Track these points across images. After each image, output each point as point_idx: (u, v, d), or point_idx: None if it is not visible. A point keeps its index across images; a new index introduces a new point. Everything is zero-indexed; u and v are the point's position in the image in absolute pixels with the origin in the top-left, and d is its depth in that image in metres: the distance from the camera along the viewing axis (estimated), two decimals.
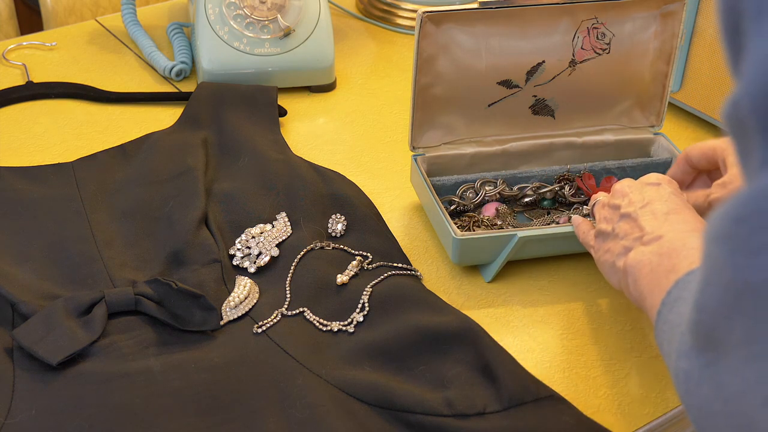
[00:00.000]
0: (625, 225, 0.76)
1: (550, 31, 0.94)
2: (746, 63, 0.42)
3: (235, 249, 0.88)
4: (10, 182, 0.96)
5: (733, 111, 0.44)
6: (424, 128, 0.97)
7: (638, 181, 0.79)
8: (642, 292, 0.70)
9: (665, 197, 0.75)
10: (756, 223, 0.42)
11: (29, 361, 0.76)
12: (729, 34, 0.44)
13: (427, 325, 0.80)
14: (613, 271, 0.76)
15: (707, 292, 0.47)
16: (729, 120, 0.45)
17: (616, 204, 0.78)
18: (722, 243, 0.44)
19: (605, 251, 0.77)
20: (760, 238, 0.42)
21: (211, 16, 1.16)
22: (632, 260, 0.72)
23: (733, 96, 0.43)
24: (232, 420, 0.73)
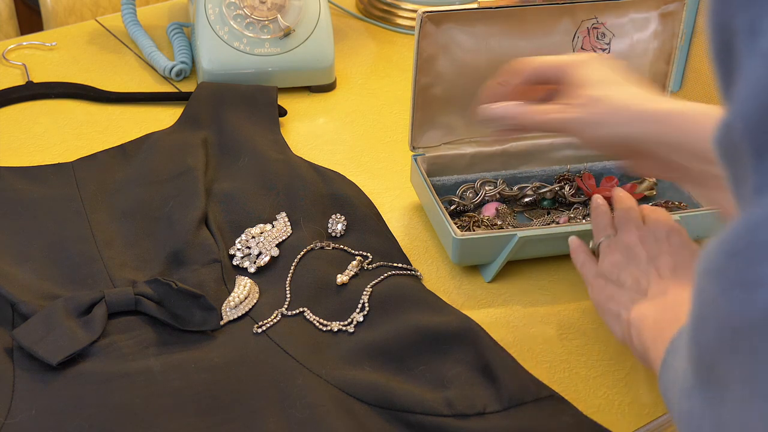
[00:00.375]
0: (631, 274, 0.76)
1: (550, 31, 0.94)
2: (739, 84, 0.40)
3: (235, 249, 0.88)
4: (10, 182, 0.96)
5: (725, 135, 0.42)
6: (424, 128, 0.97)
7: (648, 231, 0.79)
8: (645, 344, 0.69)
9: (677, 250, 0.76)
10: (751, 256, 0.40)
11: (29, 361, 0.76)
12: (720, 53, 0.42)
13: (427, 325, 0.80)
14: (617, 322, 0.75)
15: (703, 328, 0.45)
16: (720, 145, 0.43)
17: (624, 253, 0.78)
18: (716, 278, 0.42)
19: (609, 298, 0.77)
20: (754, 272, 0.39)
21: (211, 16, 1.16)
22: (636, 313, 0.72)
23: (725, 120, 0.41)
24: (232, 420, 0.73)
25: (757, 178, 0.40)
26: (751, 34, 0.39)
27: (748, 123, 0.39)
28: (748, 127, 0.39)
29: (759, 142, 0.39)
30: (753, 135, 0.39)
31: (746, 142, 0.40)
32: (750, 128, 0.39)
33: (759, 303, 0.39)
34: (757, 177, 0.40)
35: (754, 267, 0.39)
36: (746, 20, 0.39)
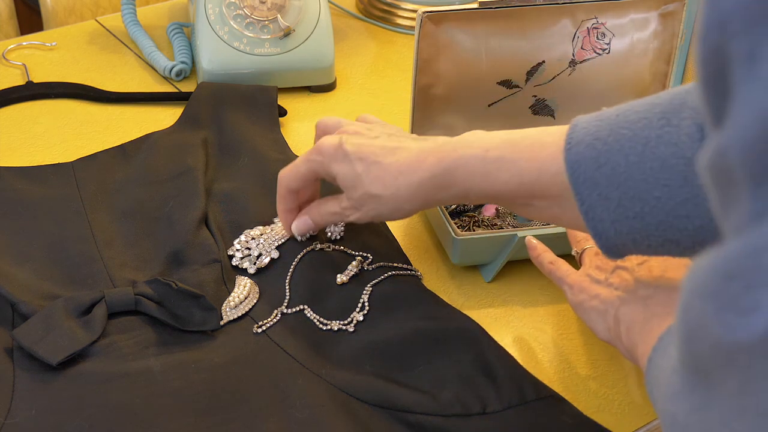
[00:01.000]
0: (620, 275, 0.76)
1: (550, 31, 0.94)
2: (735, 111, 0.40)
3: (234, 250, 0.88)
4: (10, 182, 0.96)
5: (719, 161, 0.41)
6: (424, 128, 0.97)
7: None
8: (634, 340, 0.70)
9: (661, 258, 0.75)
10: (748, 281, 0.39)
11: (29, 361, 0.76)
12: (711, 79, 0.42)
13: (427, 325, 0.80)
14: (602, 319, 0.75)
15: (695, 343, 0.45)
16: (713, 170, 0.42)
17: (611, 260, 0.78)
18: (707, 299, 0.42)
19: (593, 296, 0.76)
20: (753, 297, 0.39)
21: (211, 16, 1.16)
22: (626, 309, 0.72)
23: (717, 145, 0.41)
24: (232, 420, 0.73)
25: (756, 204, 0.39)
26: (750, 60, 0.39)
27: (746, 149, 0.39)
28: (746, 153, 0.39)
29: (758, 168, 0.39)
30: (751, 161, 0.39)
31: (743, 169, 0.39)
32: (748, 155, 0.39)
33: (753, 328, 0.39)
34: (755, 203, 0.39)
35: (751, 292, 0.39)
36: (745, 46, 0.39)
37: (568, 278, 0.79)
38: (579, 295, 0.77)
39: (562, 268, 0.81)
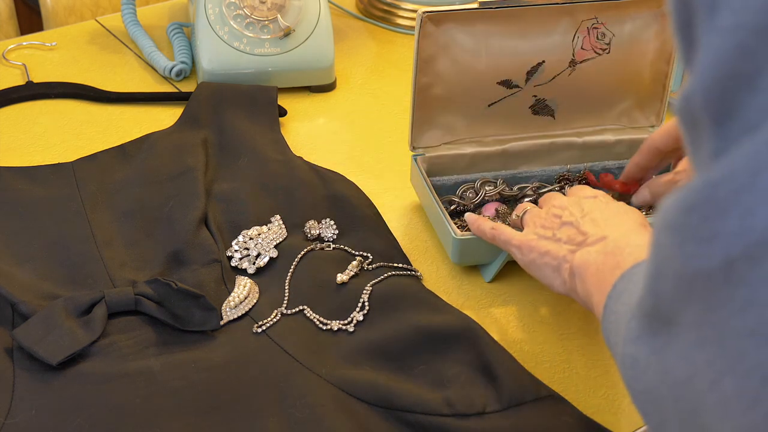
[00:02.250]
0: (567, 231, 0.76)
1: (550, 31, 0.94)
2: (698, 58, 0.43)
3: (233, 250, 0.88)
4: (10, 182, 0.96)
5: (685, 105, 0.45)
6: (424, 128, 0.97)
7: (574, 196, 0.80)
8: (589, 290, 0.71)
9: (602, 207, 0.77)
10: (706, 212, 0.42)
11: (29, 361, 0.76)
12: (681, 29, 0.45)
13: (427, 325, 0.80)
14: (556, 274, 0.76)
15: (661, 279, 0.48)
16: (681, 113, 0.46)
17: (555, 213, 0.79)
18: (673, 233, 0.45)
19: (544, 254, 0.77)
20: (710, 226, 0.42)
21: (211, 16, 1.16)
22: (579, 260, 0.73)
23: (686, 90, 0.44)
24: (232, 420, 0.73)
25: (716, 142, 0.43)
26: (710, 10, 0.42)
27: (706, 94, 0.43)
28: (707, 97, 0.43)
29: (716, 111, 0.42)
30: (711, 105, 0.43)
31: (705, 112, 0.43)
32: (708, 99, 0.43)
33: (713, 256, 0.42)
34: (715, 142, 0.43)
35: (709, 222, 0.42)
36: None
37: (513, 240, 0.81)
38: (529, 254, 0.79)
39: (505, 232, 0.82)
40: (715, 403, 0.43)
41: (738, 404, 0.41)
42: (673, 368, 0.48)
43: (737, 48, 0.41)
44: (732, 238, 0.41)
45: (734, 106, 0.42)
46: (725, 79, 0.42)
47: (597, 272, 0.70)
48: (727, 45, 0.41)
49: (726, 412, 0.42)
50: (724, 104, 0.42)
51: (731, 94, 0.42)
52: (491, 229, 0.83)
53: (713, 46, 0.42)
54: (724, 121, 0.42)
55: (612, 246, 0.71)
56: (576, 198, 0.80)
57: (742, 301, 0.41)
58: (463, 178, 0.98)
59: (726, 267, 0.41)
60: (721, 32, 0.42)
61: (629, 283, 0.65)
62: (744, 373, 0.41)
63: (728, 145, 0.42)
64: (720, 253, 0.42)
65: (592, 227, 0.75)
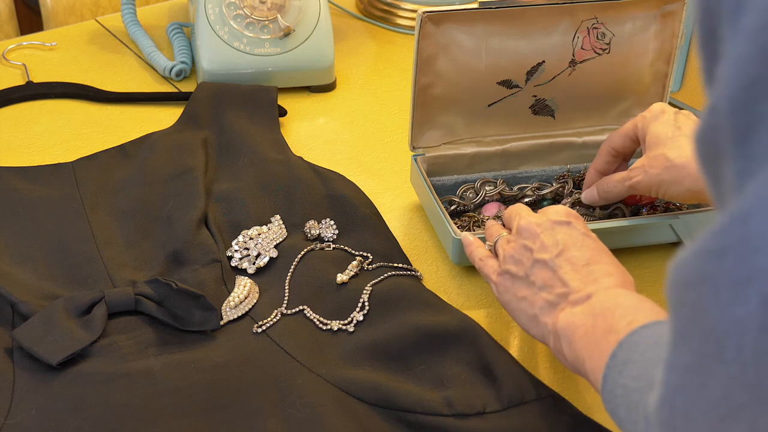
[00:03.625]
0: (542, 273, 0.72)
1: (550, 31, 0.94)
2: (723, 66, 0.39)
3: (233, 251, 0.88)
4: (10, 182, 0.96)
5: (708, 124, 0.40)
6: (424, 128, 0.97)
7: (546, 219, 0.74)
8: (579, 355, 0.67)
9: (579, 242, 0.72)
10: (742, 250, 0.37)
11: (29, 361, 0.76)
12: (705, 40, 0.41)
13: (427, 325, 0.80)
14: (534, 324, 0.72)
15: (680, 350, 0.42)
16: (700, 140, 0.41)
17: (526, 245, 0.74)
18: (701, 285, 0.39)
19: (520, 299, 0.73)
20: (747, 265, 0.37)
21: (211, 16, 1.16)
22: (564, 322, 0.69)
23: (708, 107, 0.40)
24: (232, 420, 0.73)
25: (740, 163, 0.38)
26: (736, 13, 0.38)
27: (732, 102, 0.38)
28: (733, 106, 0.38)
29: (743, 121, 0.38)
30: (737, 115, 0.38)
31: (729, 124, 0.38)
32: (734, 108, 0.38)
33: (752, 297, 0.37)
34: (739, 163, 0.38)
35: (747, 260, 0.37)
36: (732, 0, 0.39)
37: (492, 276, 0.77)
38: (504, 295, 0.75)
39: (489, 265, 0.78)
40: None
41: None
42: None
43: (762, 49, 0.37)
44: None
45: (759, 115, 0.37)
46: (751, 84, 0.38)
47: (587, 336, 0.66)
48: (753, 47, 0.38)
49: None
50: (749, 113, 0.38)
51: (756, 101, 0.38)
52: (479, 260, 0.79)
53: (737, 50, 0.38)
54: (749, 136, 0.38)
55: (600, 307, 0.67)
56: (547, 222, 0.74)
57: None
58: (463, 178, 0.98)
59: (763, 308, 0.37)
60: (745, 34, 0.38)
61: (632, 352, 0.61)
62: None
63: (753, 167, 0.38)
64: (758, 292, 0.37)
65: (572, 278, 0.70)
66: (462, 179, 0.98)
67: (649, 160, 0.84)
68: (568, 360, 0.69)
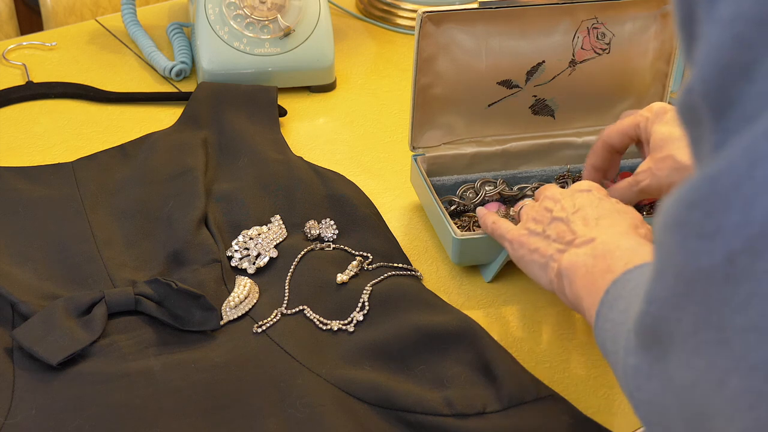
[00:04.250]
0: (556, 227, 0.76)
1: (550, 31, 0.94)
2: (698, 50, 0.43)
3: (233, 251, 0.88)
4: (10, 182, 0.96)
5: (686, 99, 0.44)
6: (424, 128, 0.97)
7: (569, 189, 0.79)
8: (578, 293, 0.70)
9: (595, 203, 0.76)
10: (708, 207, 0.42)
11: (29, 361, 0.76)
12: (683, 23, 0.45)
13: (427, 325, 0.80)
14: (543, 272, 0.75)
15: (659, 284, 0.47)
16: (682, 108, 0.45)
17: (547, 207, 0.78)
18: (675, 230, 0.44)
19: (533, 251, 0.76)
20: (713, 221, 0.41)
21: (211, 16, 1.16)
22: (567, 262, 0.72)
23: (686, 85, 0.44)
24: (232, 420, 0.73)
25: (716, 135, 0.42)
26: (710, 2, 0.42)
27: (706, 86, 0.42)
28: (707, 89, 0.42)
29: (716, 103, 0.42)
30: (710, 96, 0.42)
31: (705, 104, 0.42)
32: (708, 90, 0.42)
33: (716, 251, 0.41)
34: (715, 135, 0.42)
35: (711, 217, 0.41)
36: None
37: (507, 234, 0.80)
38: (519, 250, 0.78)
39: (502, 226, 0.82)
40: (722, 404, 0.42)
41: (744, 402, 0.41)
42: (675, 376, 0.47)
43: (735, 38, 0.41)
44: (733, 232, 0.40)
45: (733, 97, 0.41)
46: (724, 70, 0.41)
47: (587, 275, 0.69)
48: (726, 35, 0.41)
49: (733, 412, 0.42)
50: (723, 95, 0.41)
51: (729, 85, 0.41)
52: (492, 222, 0.83)
53: (712, 37, 0.42)
54: (723, 113, 0.42)
55: (601, 249, 0.70)
56: (570, 190, 0.79)
57: (743, 296, 0.40)
58: (463, 178, 0.98)
59: (727, 262, 0.41)
60: (720, 23, 0.41)
61: (623, 289, 0.64)
62: (748, 369, 0.41)
63: (728, 137, 0.42)
64: (722, 248, 0.41)
65: (582, 226, 0.74)
66: (462, 179, 0.98)
67: (656, 163, 0.84)
68: (568, 299, 0.72)
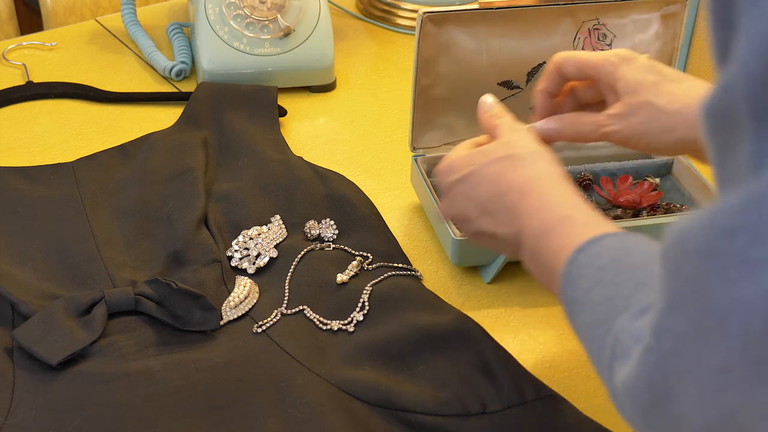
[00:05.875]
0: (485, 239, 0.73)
1: (551, 32, 0.94)
2: (740, 43, 0.38)
3: (233, 251, 0.88)
4: (10, 182, 0.96)
5: (720, 98, 0.40)
6: (425, 129, 0.97)
7: (443, 180, 0.75)
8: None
9: (480, 189, 0.72)
10: (753, 233, 0.37)
11: (29, 361, 0.76)
12: (719, 14, 0.41)
13: (427, 325, 0.80)
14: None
15: (674, 316, 0.42)
16: (711, 110, 0.40)
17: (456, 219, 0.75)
18: (706, 259, 0.39)
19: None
20: (761, 248, 0.37)
21: (211, 16, 1.16)
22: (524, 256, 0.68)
23: (721, 83, 0.39)
24: (232, 420, 0.73)
25: (756, 143, 0.38)
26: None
27: (750, 82, 0.38)
28: (750, 86, 0.38)
29: (761, 103, 0.37)
30: (755, 95, 0.37)
31: (746, 104, 0.38)
32: (752, 87, 0.38)
33: (760, 284, 0.37)
34: (755, 143, 0.38)
35: (757, 245, 0.37)
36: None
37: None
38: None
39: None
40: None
41: None
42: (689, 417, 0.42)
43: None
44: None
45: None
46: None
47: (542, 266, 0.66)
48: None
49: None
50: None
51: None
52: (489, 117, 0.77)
53: (757, 28, 0.37)
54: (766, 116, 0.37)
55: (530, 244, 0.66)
56: (448, 189, 0.75)
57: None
58: None
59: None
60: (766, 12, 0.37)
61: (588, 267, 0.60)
62: None
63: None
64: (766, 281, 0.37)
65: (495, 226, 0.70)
66: None
67: (629, 108, 0.76)
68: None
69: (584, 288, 0.58)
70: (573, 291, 0.59)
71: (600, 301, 0.56)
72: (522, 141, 0.73)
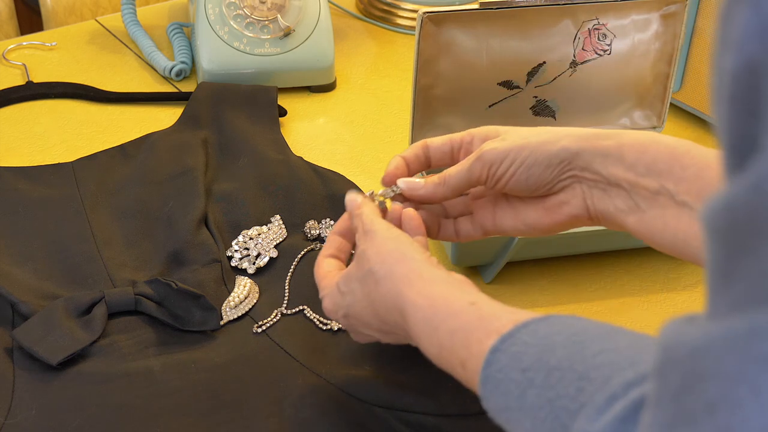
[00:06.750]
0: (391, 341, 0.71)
1: (551, 32, 0.94)
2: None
3: (233, 251, 0.88)
4: (10, 182, 0.96)
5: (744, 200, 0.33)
6: (425, 129, 0.97)
7: (329, 302, 0.71)
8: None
9: (367, 306, 0.68)
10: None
11: (29, 361, 0.76)
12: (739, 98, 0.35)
13: None
14: None
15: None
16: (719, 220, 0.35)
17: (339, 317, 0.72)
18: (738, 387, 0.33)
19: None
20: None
21: (211, 16, 1.16)
22: None
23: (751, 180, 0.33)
24: (232, 420, 0.73)
25: None
26: None
27: None
28: None
29: None
30: None
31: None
32: None
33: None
34: None
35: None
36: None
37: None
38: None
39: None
40: None
41: None
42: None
43: None
44: None
45: None
46: None
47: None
48: None
49: None
50: None
51: None
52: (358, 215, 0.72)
53: None
54: None
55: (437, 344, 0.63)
56: (345, 326, 0.72)
57: None
58: None
59: None
60: None
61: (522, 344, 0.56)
62: None
63: None
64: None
65: (403, 339, 0.68)
66: None
67: (485, 135, 0.74)
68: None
69: (516, 394, 0.54)
70: (502, 398, 0.55)
71: (541, 406, 0.52)
72: (372, 246, 0.67)
